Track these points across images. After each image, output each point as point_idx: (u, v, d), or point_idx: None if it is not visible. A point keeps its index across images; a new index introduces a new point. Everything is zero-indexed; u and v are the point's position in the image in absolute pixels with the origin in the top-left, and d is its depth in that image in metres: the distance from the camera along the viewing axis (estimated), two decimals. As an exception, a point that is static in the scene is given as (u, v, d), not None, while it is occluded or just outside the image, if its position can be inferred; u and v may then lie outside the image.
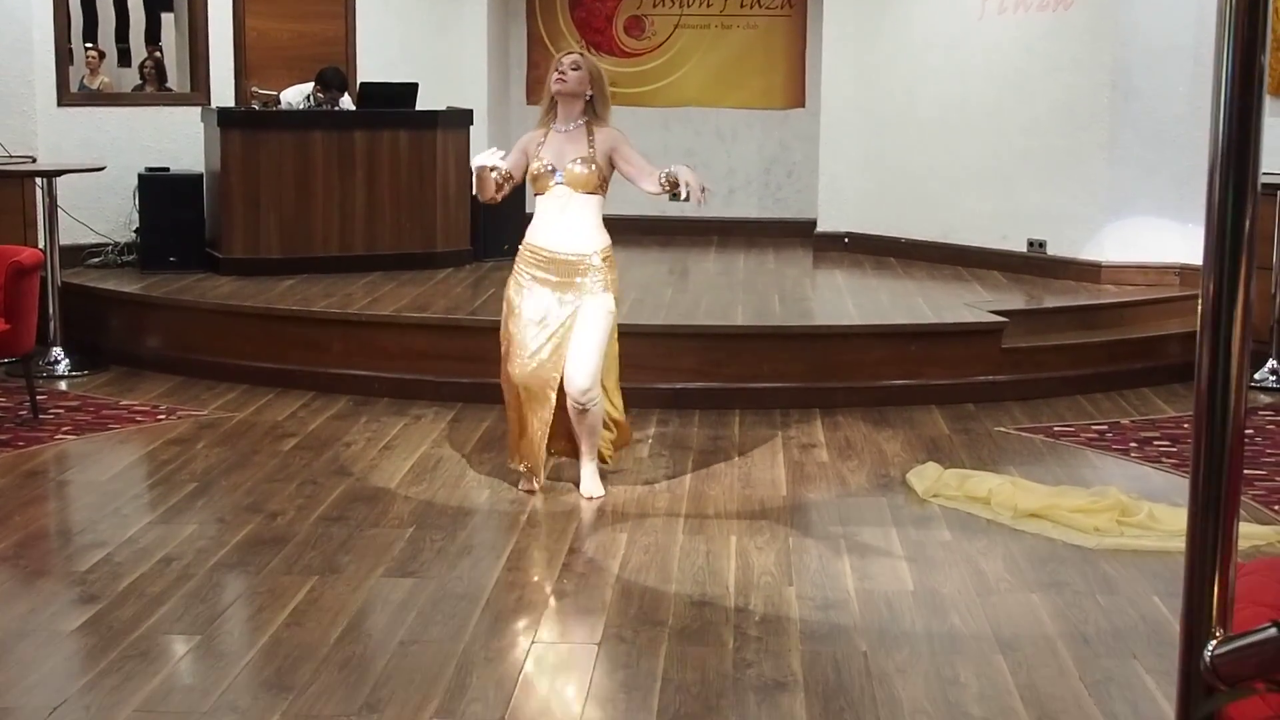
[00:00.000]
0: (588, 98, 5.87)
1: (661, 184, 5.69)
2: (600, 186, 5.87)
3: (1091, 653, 4.47)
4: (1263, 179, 6.17)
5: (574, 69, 5.85)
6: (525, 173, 5.93)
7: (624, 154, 5.87)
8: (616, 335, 6.02)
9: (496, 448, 6.77)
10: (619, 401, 6.14)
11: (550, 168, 5.83)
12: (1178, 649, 1.69)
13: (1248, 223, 1.53)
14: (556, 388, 5.86)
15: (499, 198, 5.91)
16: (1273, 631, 1.47)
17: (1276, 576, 2.46)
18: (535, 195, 5.96)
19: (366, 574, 5.09)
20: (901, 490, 6.19)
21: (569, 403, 5.89)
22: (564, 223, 5.85)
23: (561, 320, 5.83)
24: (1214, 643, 1.60)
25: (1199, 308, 1.60)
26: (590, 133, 5.87)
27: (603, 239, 5.91)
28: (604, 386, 5.98)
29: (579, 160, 5.81)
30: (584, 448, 6.03)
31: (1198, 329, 1.62)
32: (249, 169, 9.27)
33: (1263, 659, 1.49)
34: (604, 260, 5.87)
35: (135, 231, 9.61)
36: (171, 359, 8.37)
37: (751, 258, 10.62)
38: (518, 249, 5.98)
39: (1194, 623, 1.62)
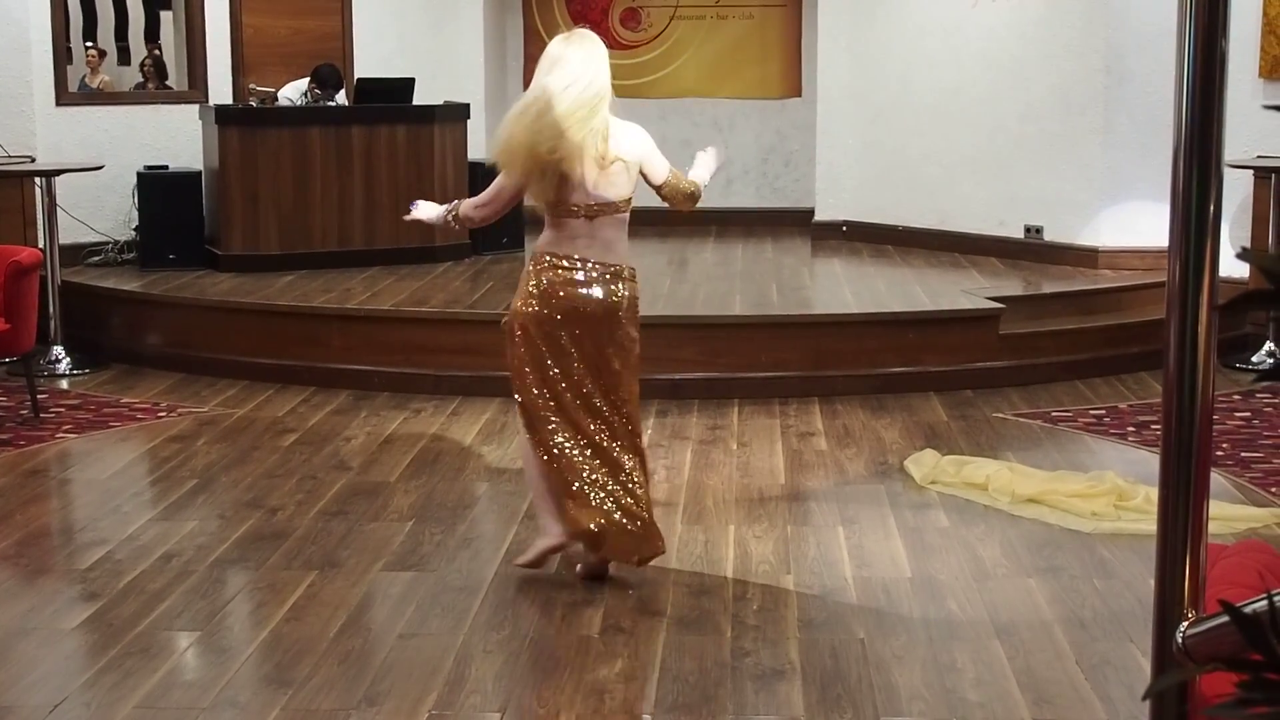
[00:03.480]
0: None
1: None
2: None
3: (1088, 636, 4.49)
4: (1258, 162, 6.13)
5: None
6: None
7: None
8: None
9: (496, 441, 6.79)
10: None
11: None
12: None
13: (1212, 205, 1.54)
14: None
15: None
16: (1227, 617, 1.48)
17: (1255, 559, 2.48)
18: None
19: (366, 568, 5.11)
20: (899, 477, 6.20)
21: None
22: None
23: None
24: (1185, 624, 1.62)
25: (1165, 289, 1.62)
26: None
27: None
28: None
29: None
30: None
31: (1165, 311, 1.63)
32: (247, 166, 9.29)
33: (1231, 642, 1.51)
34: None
35: (134, 229, 9.62)
36: (171, 356, 8.39)
37: (749, 247, 10.63)
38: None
39: (1167, 604, 1.64)
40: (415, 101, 9.86)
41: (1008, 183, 9.82)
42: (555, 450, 4.88)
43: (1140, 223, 9.24)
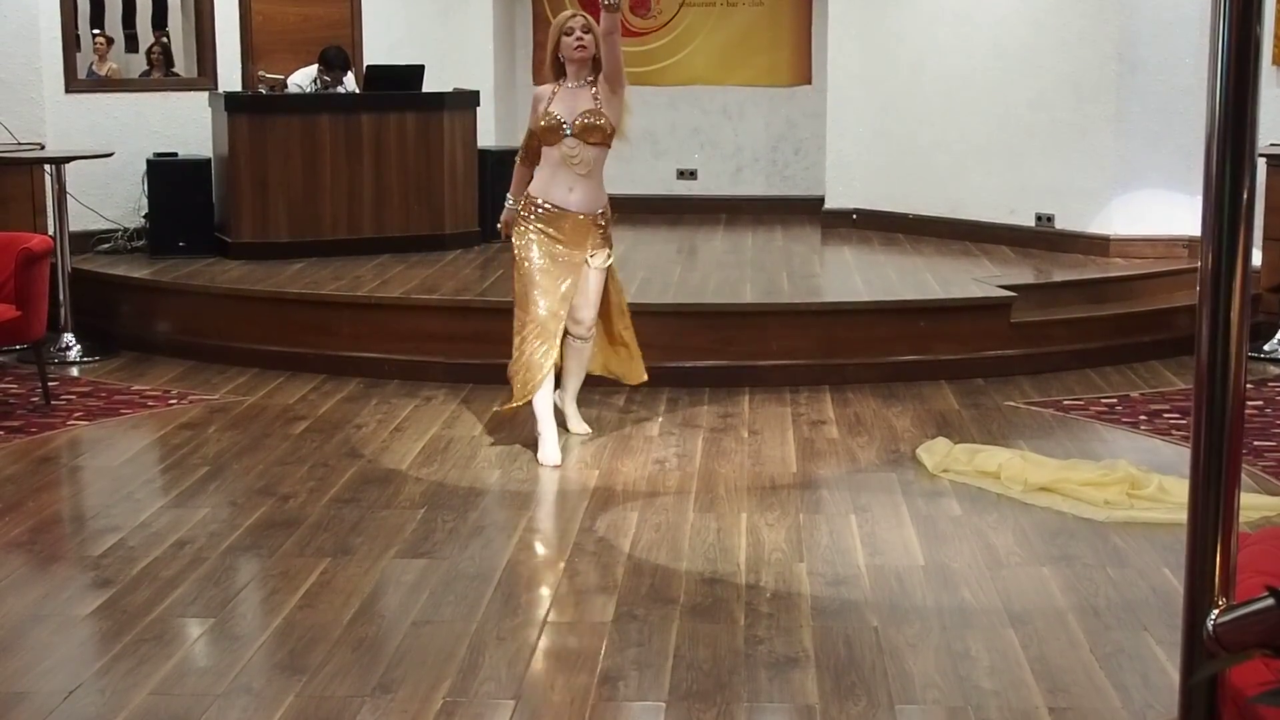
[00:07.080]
0: (594, 56, 6.29)
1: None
2: (608, 139, 6.29)
3: (1102, 625, 4.48)
4: (1272, 149, 6.09)
5: (586, 32, 6.25)
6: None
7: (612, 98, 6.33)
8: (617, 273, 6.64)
9: (507, 427, 6.78)
10: (630, 323, 6.68)
11: (561, 120, 6.25)
12: (1184, 619, 1.70)
13: (1245, 193, 1.53)
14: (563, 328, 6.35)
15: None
16: (1271, 601, 1.47)
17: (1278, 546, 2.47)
18: (544, 147, 6.33)
19: (378, 555, 5.11)
20: (911, 466, 6.19)
21: (569, 340, 6.44)
22: (572, 174, 6.28)
23: (569, 271, 6.29)
24: (1216, 611, 1.61)
25: (1197, 278, 1.60)
26: (596, 88, 6.29)
27: (604, 196, 6.41)
28: (614, 315, 6.61)
29: (588, 113, 6.23)
30: (573, 387, 6.63)
31: (1197, 300, 1.62)
32: (257, 153, 9.28)
33: (1264, 627, 1.50)
34: (605, 220, 6.40)
35: (144, 217, 9.61)
36: (182, 344, 8.39)
37: (759, 235, 10.62)
38: (526, 203, 6.37)
39: (1197, 592, 1.63)
40: (424, 89, 9.84)
41: (1019, 171, 9.80)
42: None
43: (1152, 211, 9.23)
